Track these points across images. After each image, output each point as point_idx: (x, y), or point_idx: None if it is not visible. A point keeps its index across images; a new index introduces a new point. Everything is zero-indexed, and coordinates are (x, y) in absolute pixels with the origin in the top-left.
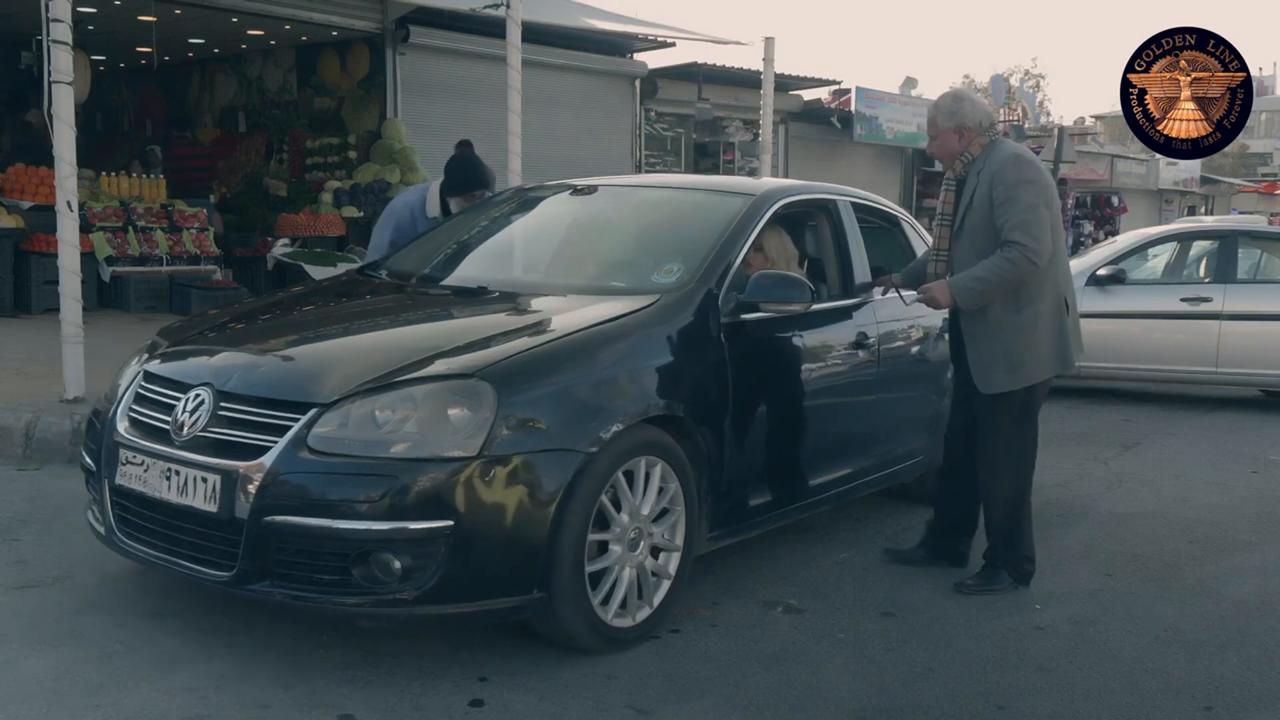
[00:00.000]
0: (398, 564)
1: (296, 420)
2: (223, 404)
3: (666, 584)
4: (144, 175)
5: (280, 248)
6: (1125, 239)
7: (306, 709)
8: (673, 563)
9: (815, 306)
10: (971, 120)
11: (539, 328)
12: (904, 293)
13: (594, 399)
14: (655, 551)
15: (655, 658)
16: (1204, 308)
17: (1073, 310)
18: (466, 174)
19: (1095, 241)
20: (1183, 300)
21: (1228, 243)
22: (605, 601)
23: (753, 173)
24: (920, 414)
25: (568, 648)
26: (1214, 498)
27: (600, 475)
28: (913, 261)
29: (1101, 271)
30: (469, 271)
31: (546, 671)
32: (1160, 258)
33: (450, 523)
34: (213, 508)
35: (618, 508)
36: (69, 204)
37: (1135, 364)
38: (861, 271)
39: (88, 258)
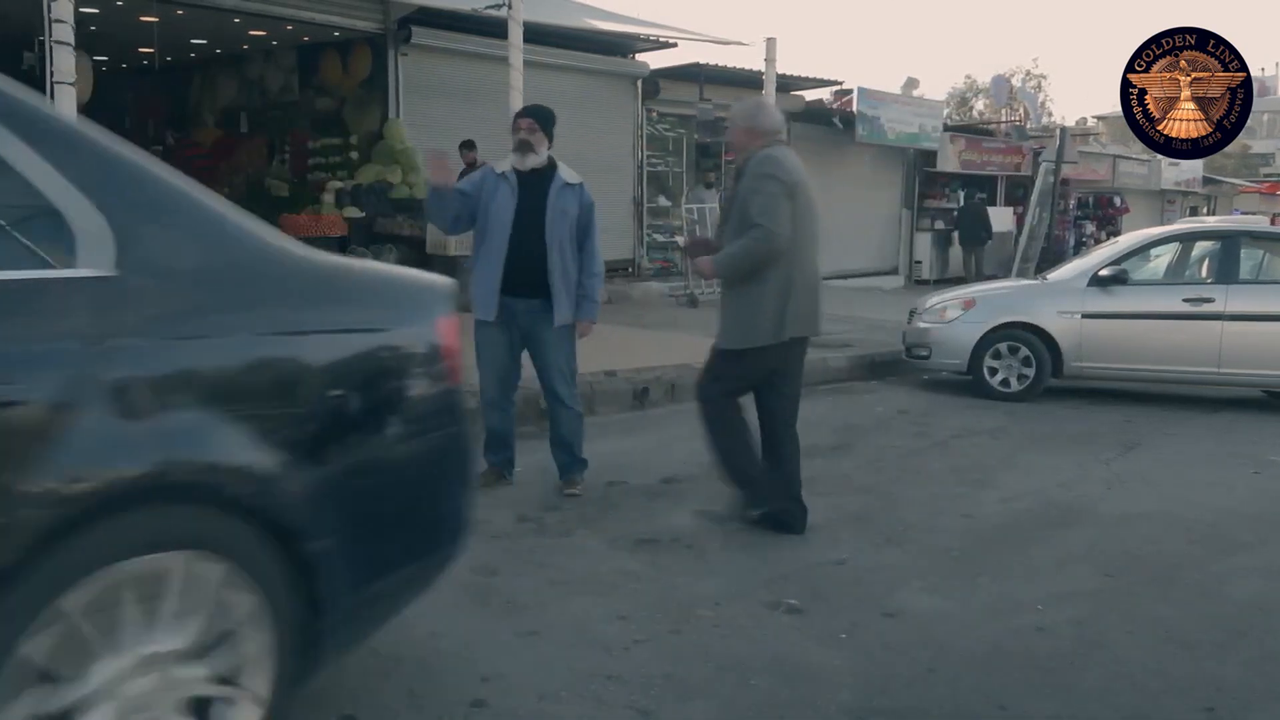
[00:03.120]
0: None
1: None
2: None
3: None
4: None
5: None
6: (1127, 239)
7: (306, 708)
8: None
9: None
10: (761, 126)
11: None
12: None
13: None
14: None
15: (656, 658)
16: (1206, 308)
17: (802, 290)
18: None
19: (1097, 242)
20: (1185, 301)
21: (1230, 243)
22: None
23: None
24: None
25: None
26: (1215, 498)
27: None
28: None
29: (1103, 272)
30: None
31: (548, 672)
32: (1162, 258)
33: None
34: None
35: None
36: None
37: (1137, 364)
38: None
39: None
